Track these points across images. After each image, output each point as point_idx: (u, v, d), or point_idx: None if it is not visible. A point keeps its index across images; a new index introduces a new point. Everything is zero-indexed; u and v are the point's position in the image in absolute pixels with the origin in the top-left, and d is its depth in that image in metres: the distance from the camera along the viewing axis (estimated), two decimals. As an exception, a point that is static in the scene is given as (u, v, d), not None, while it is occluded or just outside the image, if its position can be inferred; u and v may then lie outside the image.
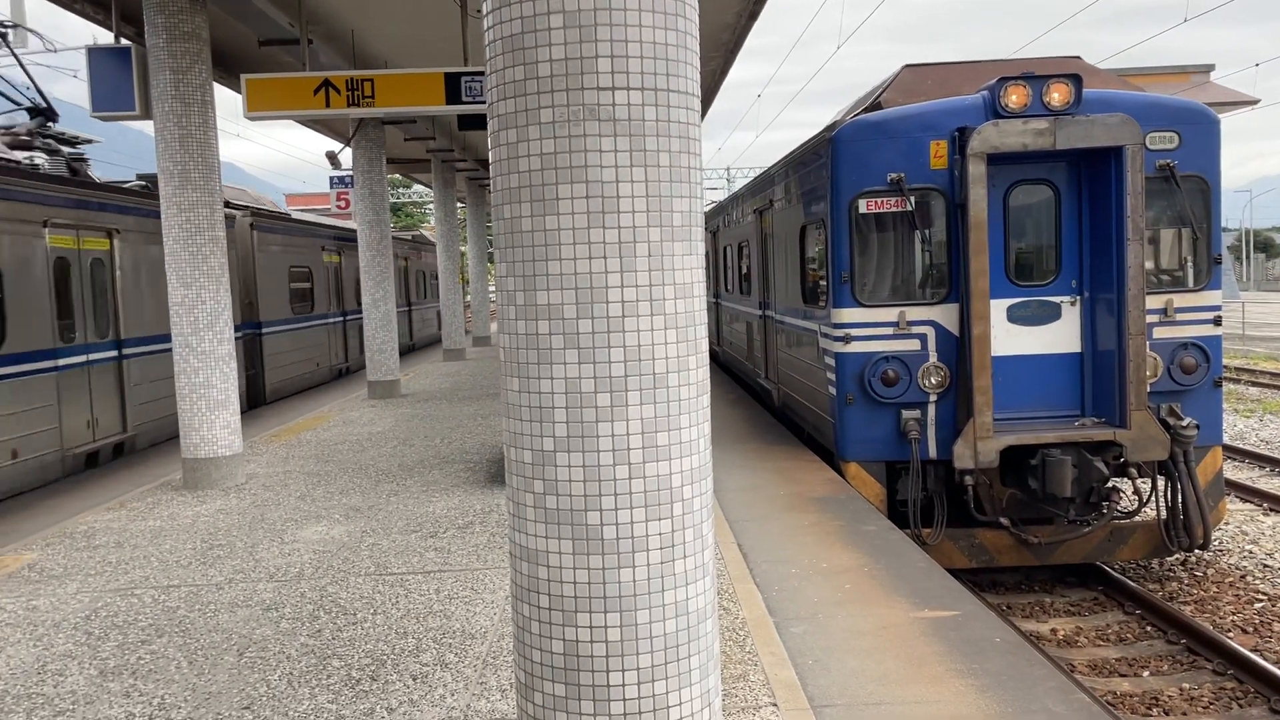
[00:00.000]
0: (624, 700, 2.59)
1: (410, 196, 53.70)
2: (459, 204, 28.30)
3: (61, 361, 10.37)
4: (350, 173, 17.38)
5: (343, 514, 8.26)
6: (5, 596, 6.37)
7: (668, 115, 2.60)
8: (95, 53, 9.70)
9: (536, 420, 2.64)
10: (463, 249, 31.87)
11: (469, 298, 31.49)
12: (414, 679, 4.79)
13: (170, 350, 10.15)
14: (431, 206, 43.69)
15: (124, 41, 9.90)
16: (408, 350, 26.51)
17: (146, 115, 9.63)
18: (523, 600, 2.72)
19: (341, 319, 20.87)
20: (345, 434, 12.60)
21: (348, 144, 15.74)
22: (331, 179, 22.46)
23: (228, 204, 16.47)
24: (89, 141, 14.07)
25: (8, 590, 6.51)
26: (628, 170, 2.56)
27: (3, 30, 12.26)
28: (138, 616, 5.88)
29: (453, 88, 9.59)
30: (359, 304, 21.61)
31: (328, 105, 9.51)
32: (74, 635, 5.60)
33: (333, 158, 15.36)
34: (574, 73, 2.51)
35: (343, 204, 22.22)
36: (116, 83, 9.69)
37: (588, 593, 2.60)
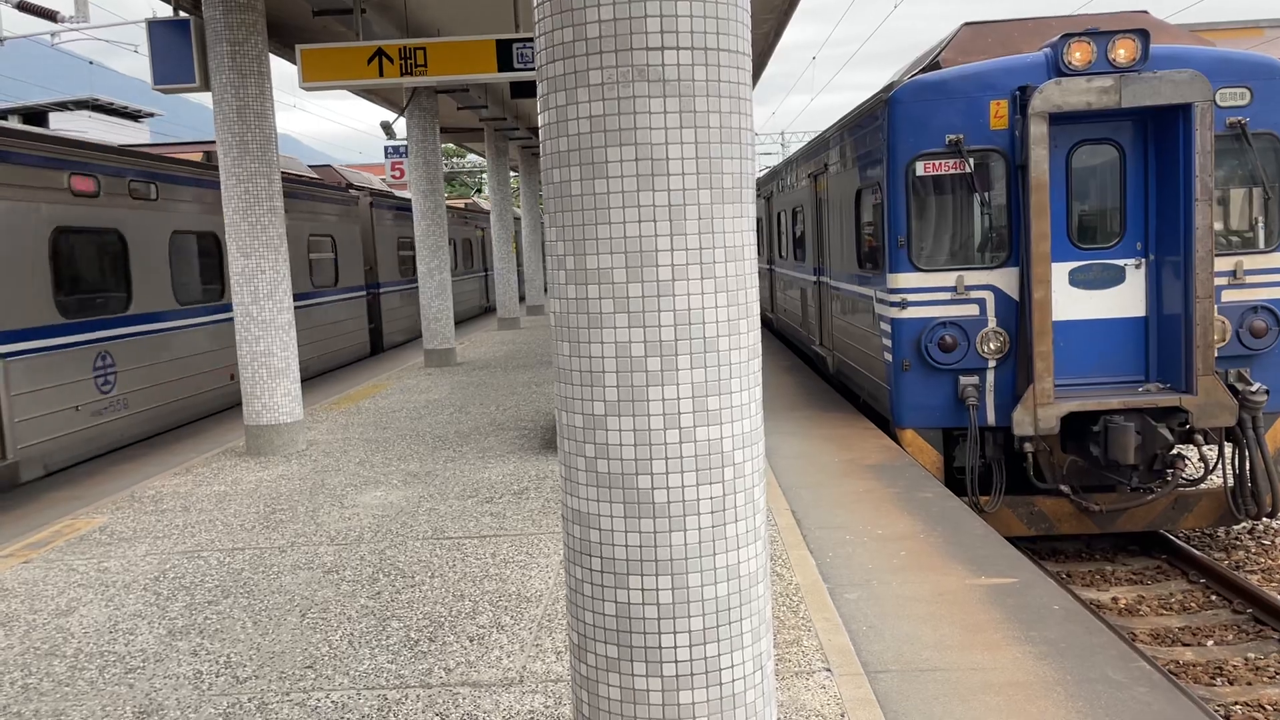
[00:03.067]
0: (675, 662, 2.60)
1: (464, 166, 53.92)
2: (512, 173, 28.35)
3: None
4: (405, 143, 17.50)
5: (401, 479, 8.39)
6: (77, 558, 6.60)
7: (718, 75, 2.56)
8: (155, 25, 9.84)
9: (587, 385, 2.65)
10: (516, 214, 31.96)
11: (524, 267, 31.64)
12: (470, 640, 4.87)
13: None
14: (484, 176, 43.84)
15: (182, 14, 10.03)
16: (485, 311, 30.03)
17: (205, 87, 9.77)
18: (575, 563, 2.74)
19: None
20: (403, 401, 12.78)
21: (401, 113, 15.84)
22: (386, 149, 22.63)
23: (350, 185, 17.75)
24: (151, 115, 14.31)
25: (80, 552, 6.73)
26: (677, 132, 2.53)
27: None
28: (204, 578, 6.05)
29: (504, 55, 9.58)
30: (452, 266, 25.06)
31: (381, 74, 9.56)
32: (143, 596, 5.78)
33: (387, 128, 15.48)
34: (623, 33, 2.48)
35: (398, 174, 22.40)
36: (176, 55, 9.82)
37: (639, 555, 2.61)
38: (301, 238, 15.31)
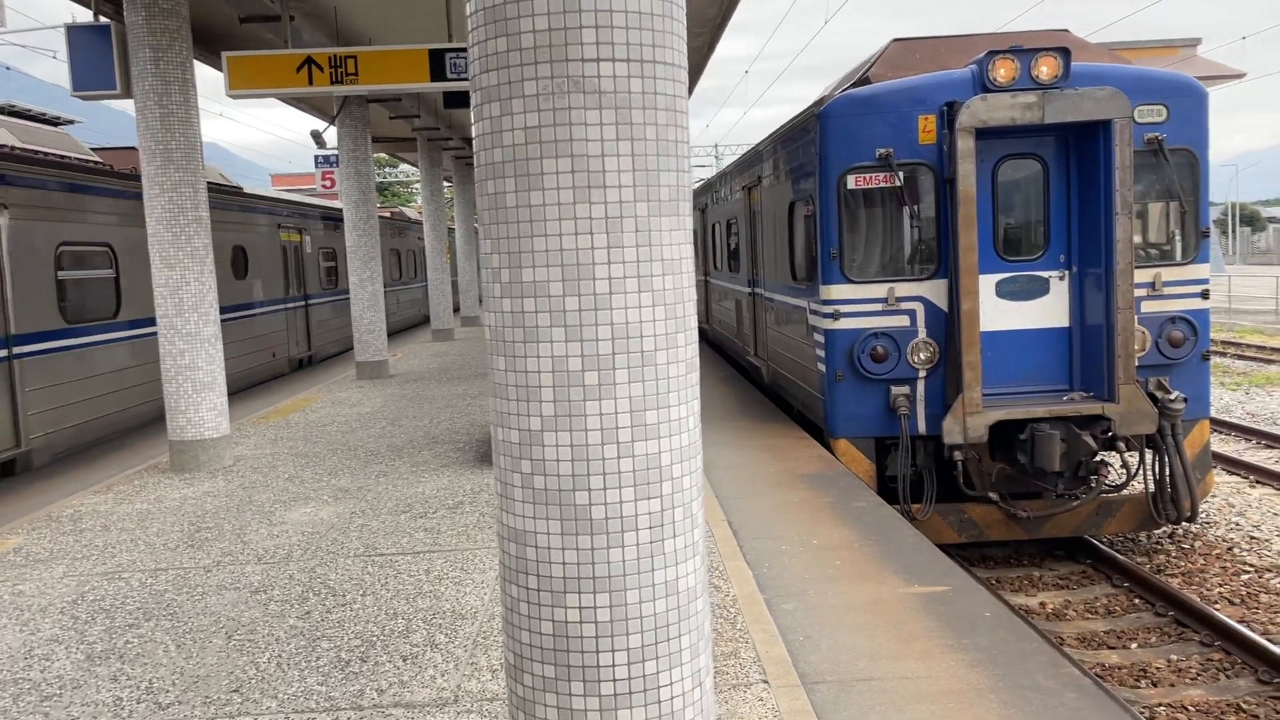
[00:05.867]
0: (614, 680, 2.57)
1: (397, 176, 53.31)
2: (445, 183, 28.11)
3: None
4: (336, 152, 17.25)
5: (331, 495, 8.22)
6: (-9, 581, 6.33)
7: (654, 87, 2.55)
8: (74, 31, 9.54)
9: (523, 399, 2.61)
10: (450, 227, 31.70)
11: (458, 278, 31.37)
12: (404, 660, 4.77)
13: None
14: (418, 186, 43.35)
15: (103, 19, 9.75)
16: (422, 321, 29.87)
17: (127, 94, 9.50)
18: (511, 581, 2.69)
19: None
20: (334, 415, 12.54)
21: (332, 122, 15.60)
22: (317, 158, 22.25)
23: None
24: (70, 122, 13.89)
25: (-7, 575, 6.46)
26: (614, 144, 2.51)
27: None
28: (125, 600, 5.84)
29: (437, 64, 9.48)
30: (389, 278, 25.64)
31: (310, 83, 9.40)
32: (60, 620, 5.56)
33: (318, 137, 15.21)
34: (558, 44, 2.45)
35: (328, 183, 22.04)
36: (96, 61, 9.53)
37: (576, 573, 2.57)
38: (225, 249, 15.01)
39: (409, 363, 18.61)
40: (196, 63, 11.22)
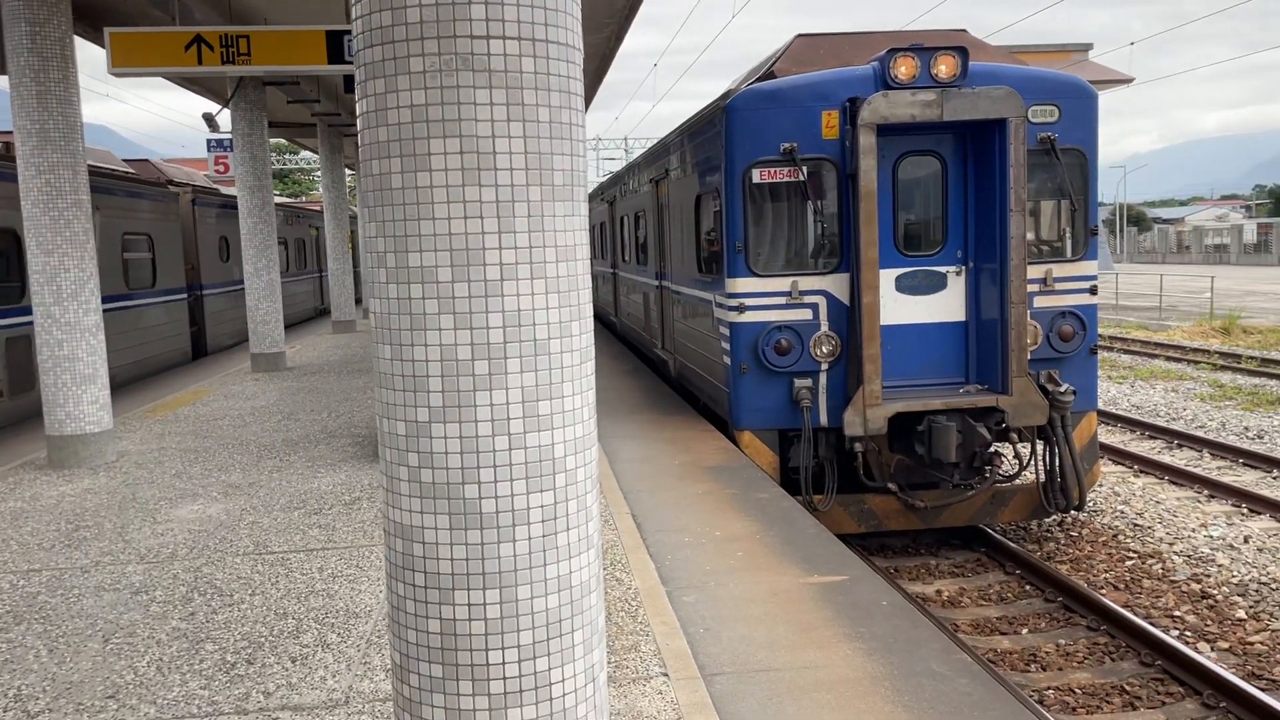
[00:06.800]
0: (504, 679, 2.49)
1: (297, 163, 51.92)
2: (349, 170, 27.46)
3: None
4: (230, 136, 16.64)
5: (221, 492, 7.92)
6: None
7: (547, 68, 2.47)
8: (-59, 1, 8.97)
9: (410, 390, 2.50)
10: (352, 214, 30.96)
11: (360, 267, 30.70)
12: (293, 661, 4.60)
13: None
14: (319, 174, 42.31)
15: (-27, -11, 9.18)
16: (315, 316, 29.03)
17: (1, 70, 8.99)
18: (397, 579, 2.59)
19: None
20: (226, 408, 12.11)
21: (226, 105, 15.04)
22: (209, 142, 21.42)
23: (170, 181, 16.85)
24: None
25: None
26: (504, 125, 2.42)
27: None
28: (-7, 604, 5.51)
29: (335, 46, 9.20)
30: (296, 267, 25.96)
31: (200, 62, 9.01)
32: (-80, 626, 5.21)
33: (210, 120, 14.66)
34: (445, 19, 2.35)
35: (221, 168, 21.26)
36: (-34, 35, 8.99)
37: (465, 569, 2.49)
38: (113, 235, 14.39)
39: (308, 355, 18.12)
40: (79, 39, 10.69)
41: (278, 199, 27.53)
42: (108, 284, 13.49)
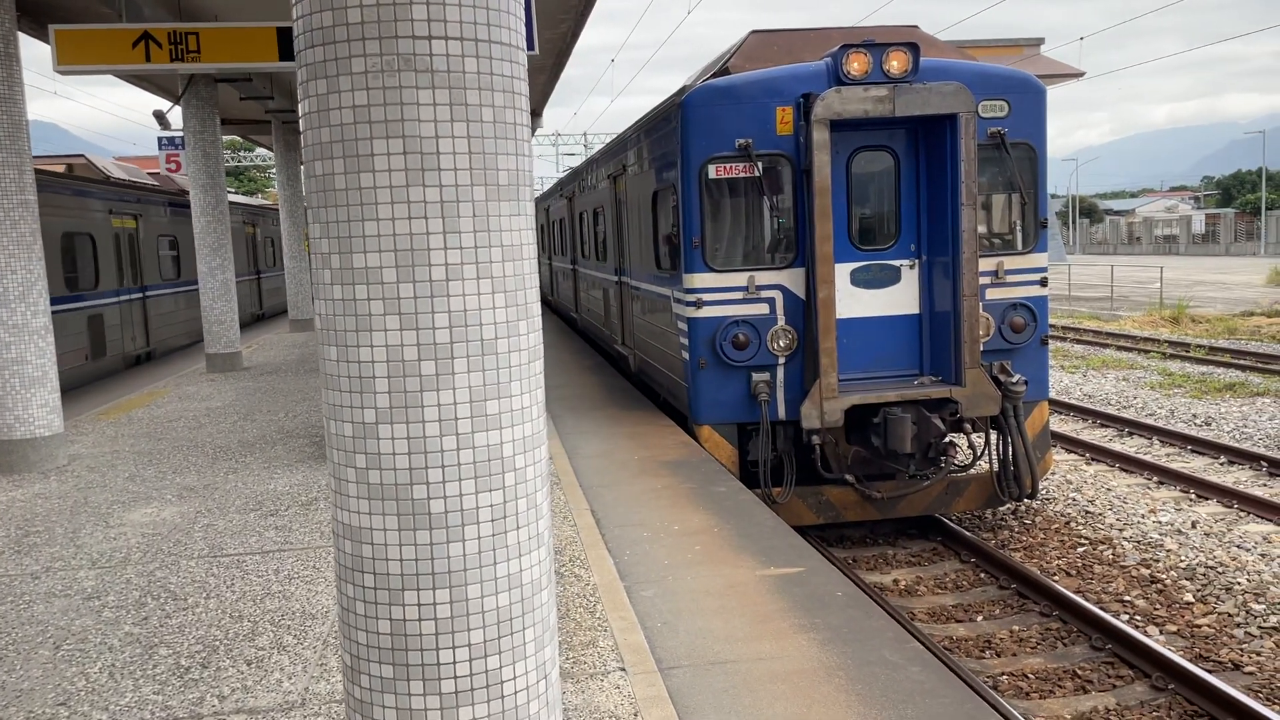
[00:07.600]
0: (455, 678, 2.50)
1: (253, 160, 51.25)
2: (303, 167, 27.17)
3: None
4: (182, 134, 16.39)
5: (175, 494, 7.83)
6: None
7: (490, 68, 2.48)
8: (-123, -4, 8.76)
9: (356, 391, 2.50)
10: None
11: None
12: (249, 664, 4.57)
13: None
14: (275, 171, 41.81)
15: (-89, -15, 8.97)
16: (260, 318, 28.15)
17: (-59, 67, 8.77)
18: (347, 580, 2.59)
19: (255, 277, 26.16)
20: (181, 410, 11.96)
21: (177, 102, 14.81)
22: (160, 140, 21.08)
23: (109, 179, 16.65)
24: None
25: None
26: (448, 125, 2.43)
27: None
28: (-61, 613, 5.41)
29: (286, 43, 9.08)
30: (254, 268, 26.27)
31: (148, 60, 8.86)
32: None
33: (161, 117, 14.44)
34: (386, 19, 2.35)
35: (172, 166, 20.94)
36: (-95, 31, 8.77)
37: (415, 569, 2.49)
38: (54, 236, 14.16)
39: (264, 354, 17.92)
40: (23, 36, 10.49)
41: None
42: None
